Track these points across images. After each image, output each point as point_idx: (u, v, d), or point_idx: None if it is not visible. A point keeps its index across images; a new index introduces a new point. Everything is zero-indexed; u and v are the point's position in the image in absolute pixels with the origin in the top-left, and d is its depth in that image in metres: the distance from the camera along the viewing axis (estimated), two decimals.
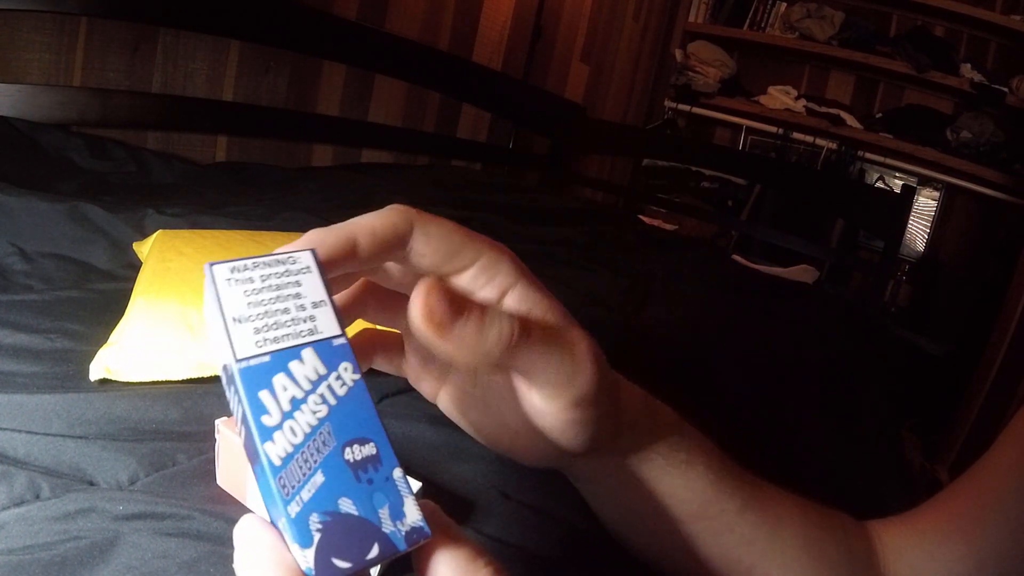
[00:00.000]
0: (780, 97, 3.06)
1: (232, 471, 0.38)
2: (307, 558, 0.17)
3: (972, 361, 2.28)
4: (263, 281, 0.21)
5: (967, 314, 2.65)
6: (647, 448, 0.31)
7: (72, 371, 0.48)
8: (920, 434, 2.36)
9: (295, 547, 0.17)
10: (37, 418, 0.41)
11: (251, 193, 1.04)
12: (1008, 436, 0.35)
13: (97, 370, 0.47)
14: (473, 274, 0.25)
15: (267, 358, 0.19)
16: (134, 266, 0.67)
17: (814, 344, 1.07)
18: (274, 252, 0.22)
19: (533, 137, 2.33)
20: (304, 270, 0.22)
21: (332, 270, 0.22)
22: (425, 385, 0.31)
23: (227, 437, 0.38)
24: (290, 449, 0.18)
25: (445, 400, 0.30)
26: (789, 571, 0.32)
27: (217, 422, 0.39)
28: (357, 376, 0.20)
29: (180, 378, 0.49)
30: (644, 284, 1.12)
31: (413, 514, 0.19)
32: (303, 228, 0.23)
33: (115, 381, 0.47)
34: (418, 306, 0.21)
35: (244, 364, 0.19)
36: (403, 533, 0.18)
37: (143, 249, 0.67)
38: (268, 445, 0.18)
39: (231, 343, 0.19)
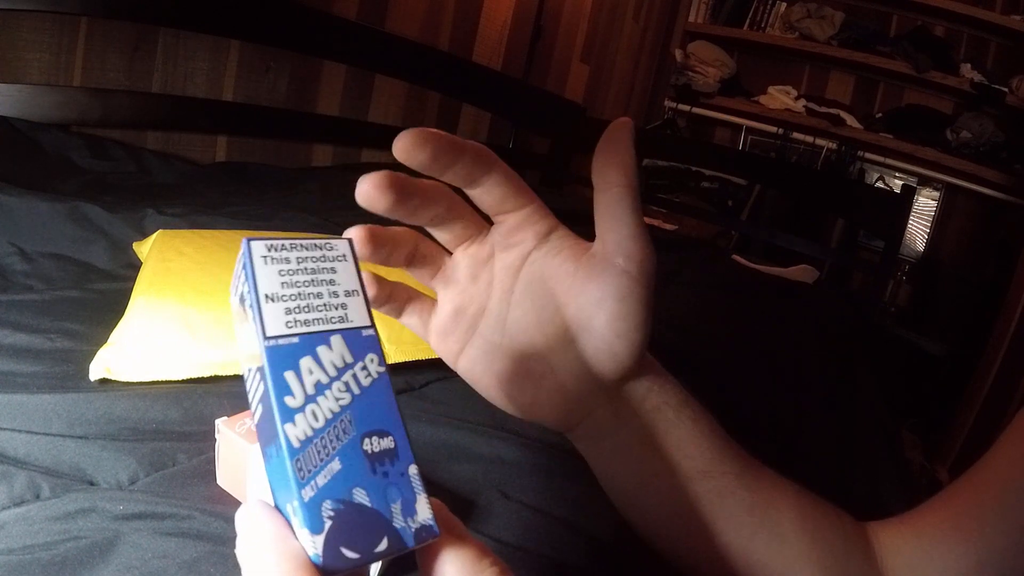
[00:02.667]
0: (780, 97, 3.05)
1: (232, 471, 0.38)
2: (316, 545, 0.17)
3: (972, 361, 2.27)
4: (299, 263, 0.21)
5: (967, 314, 2.64)
6: (660, 395, 0.32)
7: (72, 371, 0.48)
8: (920, 434, 2.36)
9: (304, 532, 0.17)
10: (37, 418, 0.41)
11: (251, 193, 1.04)
12: (1009, 436, 0.35)
13: (97, 370, 0.47)
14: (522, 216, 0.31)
15: (296, 339, 0.19)
16: (134, 266, 0.67)
17: (814, 344, 1.07)
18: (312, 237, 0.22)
19: (533, 137, 2.32)
20: (340, 257, 0.22)
21: (438, 159, 0.26)
22: (451, 341, 0.31)
23: (227, 437, 0.38)
24: (310, 433, 0.18)
25: (469, 356, 0.31)
26: (787, 544, 0.32)
27: (217, 422, 0.39)
28: (383, 368, 0.20)
29: (180, 378, 0.49)
30: None
31: (424, 512, 0.19)
32: (303, 228, 0.23)
33: (115, 381, 0.47)
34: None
35: (272, 343, 0.19)
36: (413, 530, 0.18)
37: (143, 249, 0.67)
38: (288, 426, 0.18)
39: (262, 320, 0.19)
